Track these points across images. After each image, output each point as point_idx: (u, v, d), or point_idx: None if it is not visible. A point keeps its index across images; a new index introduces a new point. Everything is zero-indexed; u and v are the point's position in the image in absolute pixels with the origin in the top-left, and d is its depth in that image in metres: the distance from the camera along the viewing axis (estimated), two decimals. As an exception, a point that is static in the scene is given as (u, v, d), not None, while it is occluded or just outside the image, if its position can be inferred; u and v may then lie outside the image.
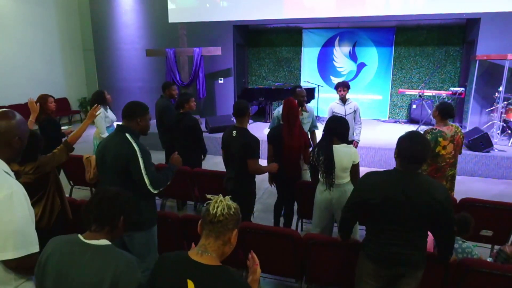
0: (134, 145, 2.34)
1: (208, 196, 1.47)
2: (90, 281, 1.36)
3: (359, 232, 3.13)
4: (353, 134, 4.78)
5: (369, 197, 1.98)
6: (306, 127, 4.11)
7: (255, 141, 3.10)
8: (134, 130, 2.43)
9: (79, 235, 1.48)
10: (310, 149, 3.32)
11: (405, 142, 1.95)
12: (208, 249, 1.38)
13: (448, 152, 3.43)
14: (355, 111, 4.77)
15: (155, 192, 2.40)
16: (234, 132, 3.15)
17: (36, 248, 1.52)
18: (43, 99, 3.87)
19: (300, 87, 4.25)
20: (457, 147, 3.47)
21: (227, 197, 1.45)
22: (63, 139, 2.88)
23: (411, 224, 1.94)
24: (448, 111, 3.45)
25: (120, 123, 2.51)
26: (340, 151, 2.89)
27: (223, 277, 1.34)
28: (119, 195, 1.54)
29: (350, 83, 4.95)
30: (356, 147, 4.50)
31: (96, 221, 1.48)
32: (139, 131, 2.46)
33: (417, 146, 1.91)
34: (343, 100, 4.80)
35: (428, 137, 3.48)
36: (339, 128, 2.94)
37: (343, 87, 4.74)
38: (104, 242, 1.46)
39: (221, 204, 1.40)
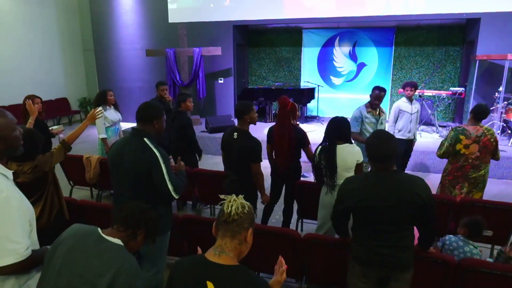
0: (155, 150, 2.24)
1: (222, 196, 1.45)
2: (93, 271, 1.39)
3: None
4: (414, 134, 4.87)
5: (355, 200, 1.98)
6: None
7: (257, 143, 3.05)
8: (151, 133, 2.32)
9: (99, 229, 1.52)
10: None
11: (372, 143, 1.98)
12: (225, 249, 1.38)
13: (471, 152, 3.39)
14: (418, 111, 4.81)
15: (177, 197, 2.32)
16: (235, 134, 3.10)
17: (27, 253, 1.52)
18: (29, 100, 3.81)
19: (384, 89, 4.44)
20: (485, 150, 3.43)
21: (240, 196, 1.44)
22: (61, 139, 2.86)
23: (398, 223, 1.94)
24: (478, 112, 3.46)
25: (123, 123, 2.46)
26: (344, 150, 2.88)
27: (242, 277, 1.34)
28: (150, 211, 1.65)
29: (349, 83, 4.93)
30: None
31: (123, 221, 1.53)
32: (154, 133, 2.36)
33: (384, 143, 1.94)
34: (410, 99, 4.81)
35: (451, 134, 3.49)
36: (342, 129, 2.92)
37: (410, 87, 4.74)
38: (119, 241, 1.49)
39: (235, 203, 1.40)
